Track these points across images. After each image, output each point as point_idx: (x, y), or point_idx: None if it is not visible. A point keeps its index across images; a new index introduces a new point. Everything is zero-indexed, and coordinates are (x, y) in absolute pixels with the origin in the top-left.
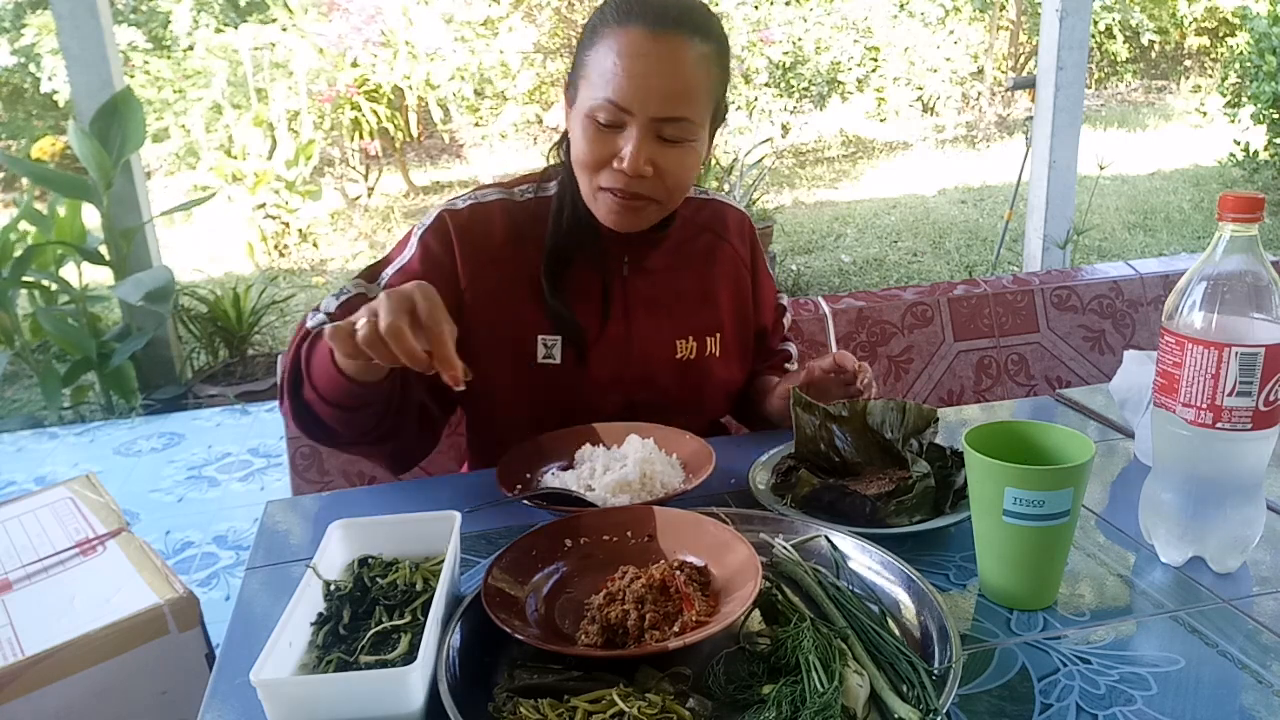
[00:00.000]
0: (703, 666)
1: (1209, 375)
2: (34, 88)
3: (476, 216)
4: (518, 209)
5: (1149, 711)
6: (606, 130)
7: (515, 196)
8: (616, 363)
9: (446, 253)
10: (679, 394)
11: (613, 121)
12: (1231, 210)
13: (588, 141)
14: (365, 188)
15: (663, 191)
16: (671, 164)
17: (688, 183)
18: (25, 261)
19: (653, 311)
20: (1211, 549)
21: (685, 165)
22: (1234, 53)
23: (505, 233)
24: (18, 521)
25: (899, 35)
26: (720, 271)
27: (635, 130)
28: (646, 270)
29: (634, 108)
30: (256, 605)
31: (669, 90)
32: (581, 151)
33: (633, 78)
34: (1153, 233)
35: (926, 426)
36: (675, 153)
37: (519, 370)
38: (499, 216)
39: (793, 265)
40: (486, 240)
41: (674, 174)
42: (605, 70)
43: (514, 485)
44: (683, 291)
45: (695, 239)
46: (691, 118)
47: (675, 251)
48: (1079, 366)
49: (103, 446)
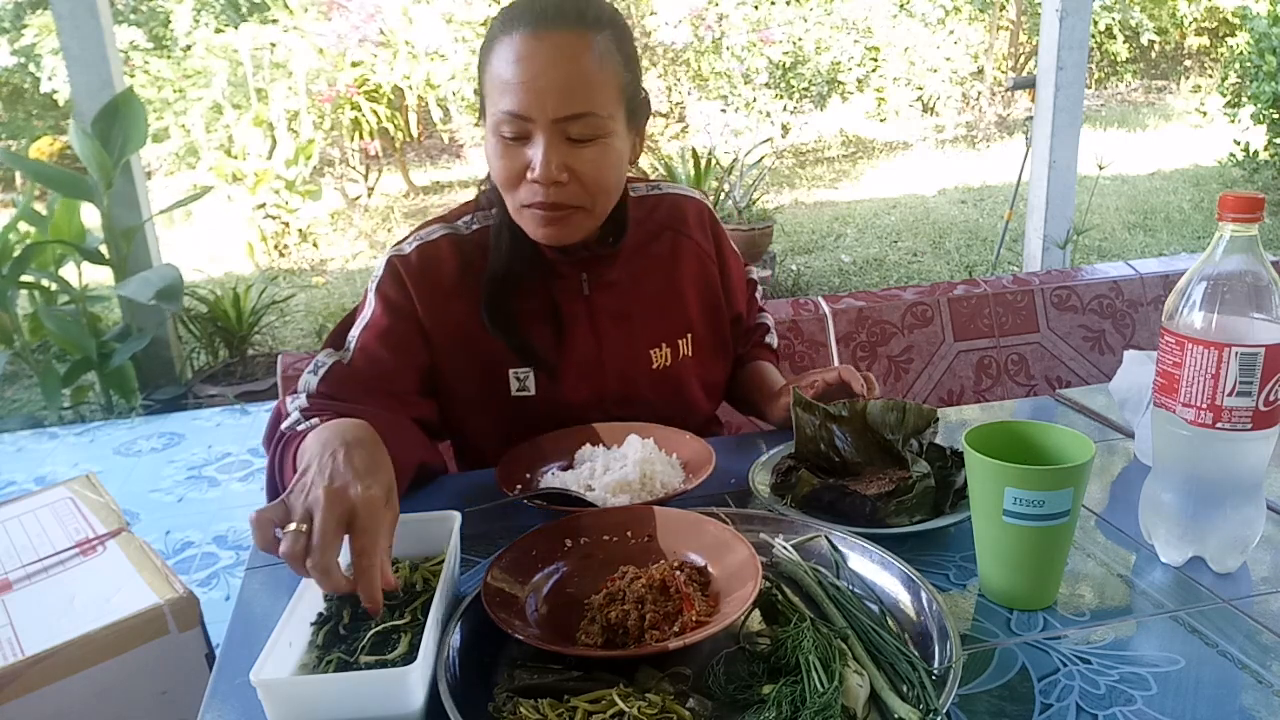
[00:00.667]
0: (703, 666)
1: (1209, 375)
2: (34, 88)
3: (425, 256)
4: (465, 241)
5: (1149, 711)
6: (514, 144)
7: (461, 230)
8: (593, 383)
9: (404, 298)
10: (660, 403)
11: (518, 133)
12: (1231, 210)
13: (499, 158)
14: (365, 188)
15: (585, 196)
16: (587, 165)
17: (611, 182)
18: (25, 261)
19: (621, 325)
20: (1211, 549)
21: (603, 164)
22: (1234, 53)
23: (456, 269)
24: (18, 521)
25: (899, 35)
26: (685, 269)
27: (540, 137)
28: (609, 284)
29: (532, 113)
30: (256, 605)
31: (562, 88)
32: (496, 170)
33: (524, 83)
34: (1153, 233)
35: (926, 426)
36: (589, 152)
37: (499, 404)
38: (447, 253)
39: (793, 265)
40: (439, 279)
41: (592, 175)
42: (499, 83)
43: (514, 485)
44: (649, 299)
45: (655, 240)
46: (596, 111)
47: (636, 258)
48: (1079, 366)
49: (103, 446)
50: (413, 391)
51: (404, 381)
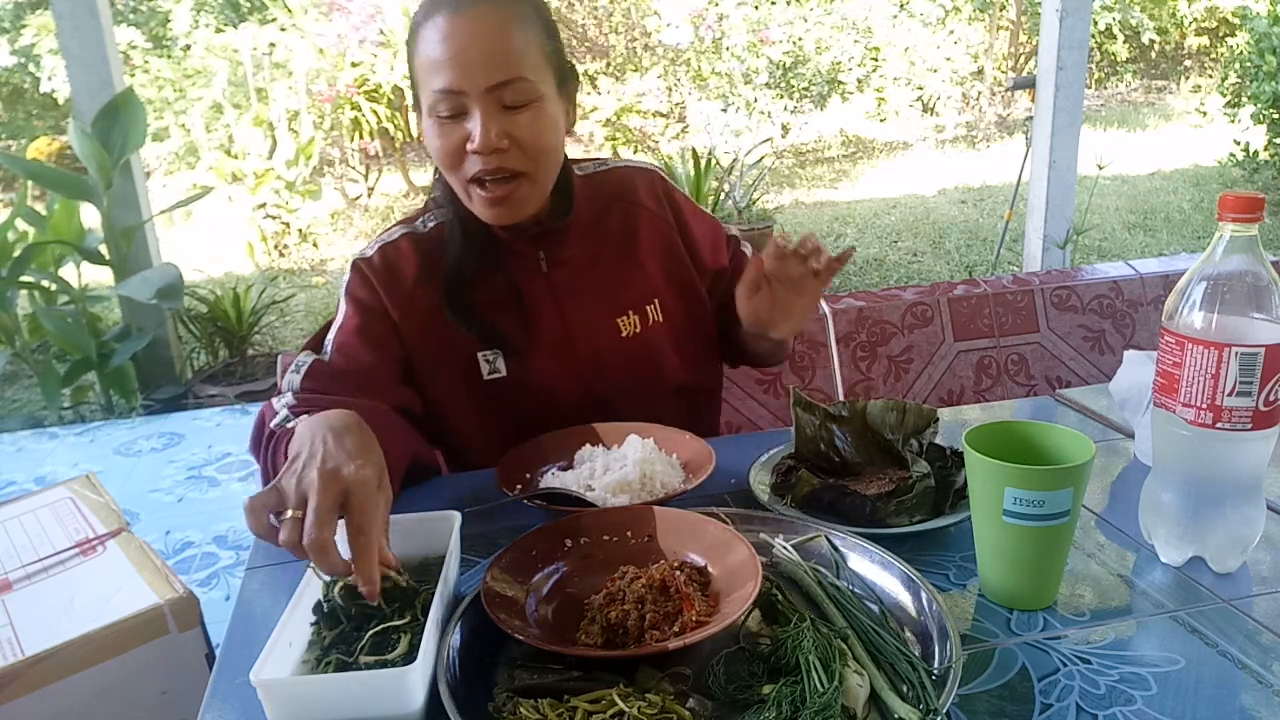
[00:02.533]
0: (703, 666)
1: (1209, 375)
2: (34, 88)
3: (388, 257)
4: (424, 239)
5: (1149, 711)
6: (451, 121)
7: (419, 228)
8: (564, 360)
9: (374, 298)
10: (637, 371)
11: (454, 109)
12: (1231, 210)
13: (438, 139)
14: (365, 188)
15: (526, 161)
16: (524, 129)
17: (549, 144)
18: (24, 261)
19: (583, 300)
20: (1211, 549)
21: (539, 127)
22: (1234, 53)
23: (417, 265)
24: (18, 521)
25: (899, 35)
26: (643, 238)
27: (476, 107)
28: (565, 261)
29: (465, 85)
30: (256, 605)
31: (490, 55)
32: (437, 151)
33: (453, 58)
34: (1153, 233)
35: (926, 426)
36: (524, 117)
37: (472, 390)
38: (408, 250)
39: None
40: (402, 276)
41: (530, 138)
42: (429, 64)
43: (514, 485)
44: (609, 270)
45: (607, 214)
46: (525, 75)
47: (592, 233)
48: (1079, 366)
49: (103, 446)
50: (393, 381)
51: (383, 374)
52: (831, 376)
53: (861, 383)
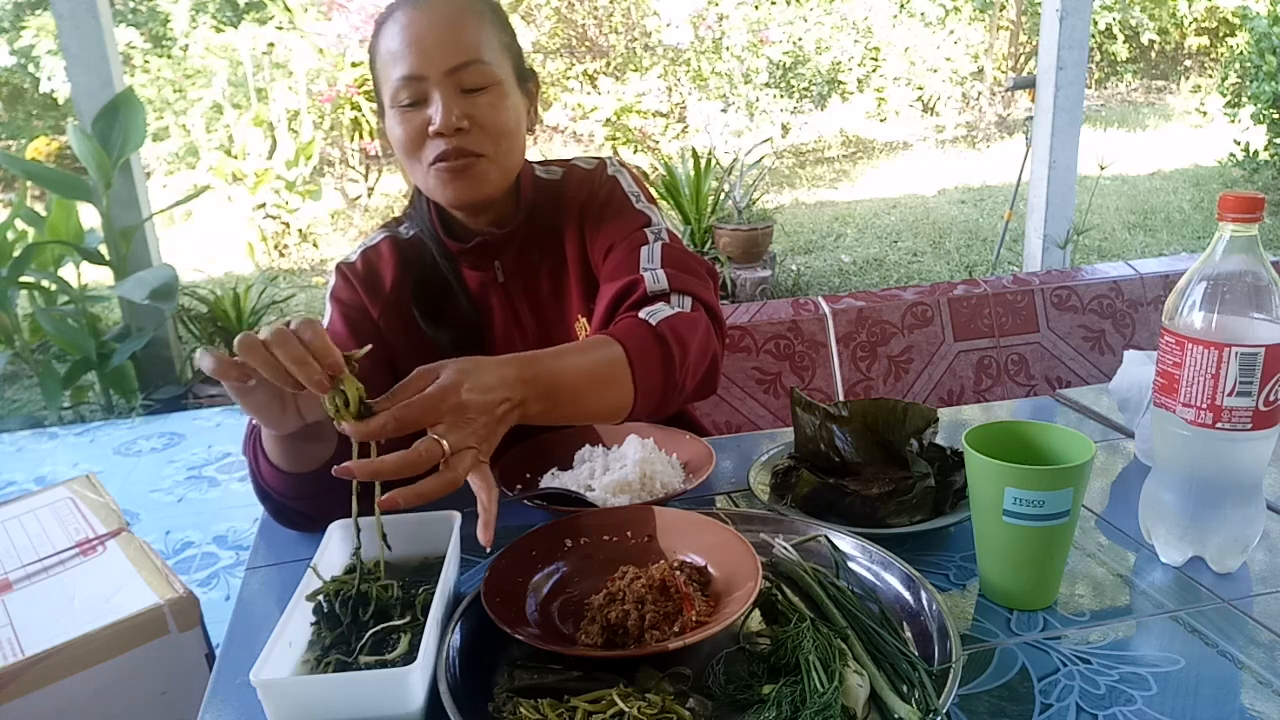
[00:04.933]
0: (703, 666)
1: (1209, 375)
2: (34, 88)
3: (369, 261)
4: (404, 245)
5: (1149, 711)
6: (413, 109)
7: (401, 234)
8: None
9: (356, 300)
10: None
11: (415, 97)
12: (1231, 210)
13: (400, 127)
14: (365, 188)
15: (486, 142)
16: (484, 111)
17: (509, 126)
18: (24, 261)
19: (540, 307)
20: (1211, 549)
21: (499, 109)
22: (1234, 53)
23: (397, 269)
24: (18, 521)
25: (899, 35)
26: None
27: (436, 91)
28: (519, 270)
29: (424, 70)
30: (256, 605)
31: (449, 40)
32: (399, 138)
33: (412, 44)
34: (1153, 233)
35: (926, 426)
36: (484, 99)
37: None
38: (388, 254)
39: (793, 265)
40: (383, 280)
41: (490, 119)
42: (389, 56)
43: (514, 485)
44: (558, 276)
45: (563, 216)
46: (484, 58)
47: (547, 239)
48: (1079, 366)
49: (103, 446)
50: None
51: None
52: (831, 376)
53: (861, 383)
